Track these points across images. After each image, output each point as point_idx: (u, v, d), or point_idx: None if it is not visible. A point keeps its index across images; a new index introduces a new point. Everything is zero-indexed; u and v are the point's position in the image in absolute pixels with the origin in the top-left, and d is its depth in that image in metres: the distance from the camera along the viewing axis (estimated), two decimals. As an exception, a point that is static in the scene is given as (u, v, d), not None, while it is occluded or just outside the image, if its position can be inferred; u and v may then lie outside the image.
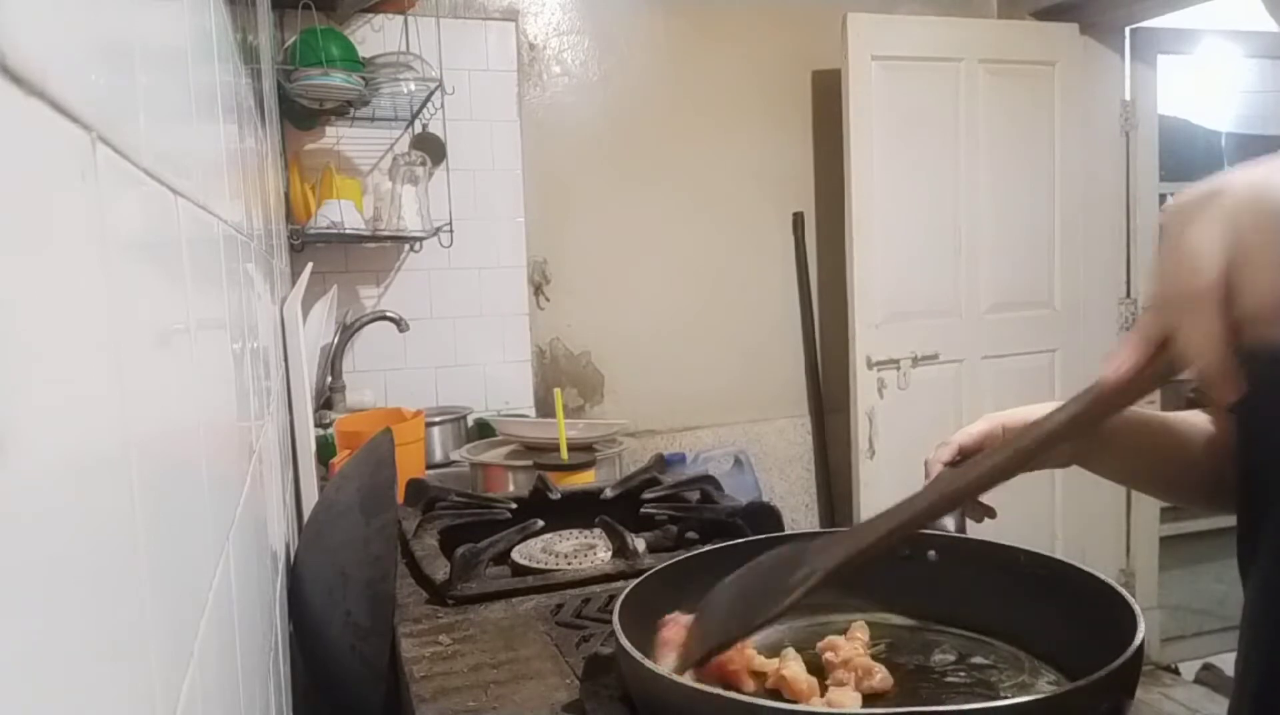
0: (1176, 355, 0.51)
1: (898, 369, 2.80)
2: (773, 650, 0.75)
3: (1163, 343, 0.51)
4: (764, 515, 1.16)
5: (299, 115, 2.32)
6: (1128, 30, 3.01)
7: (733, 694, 0.64)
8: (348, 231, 2.25)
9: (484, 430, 2.26)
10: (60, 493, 0.22)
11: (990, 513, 0.86)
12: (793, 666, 0.69)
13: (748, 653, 0.71)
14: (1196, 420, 0.82)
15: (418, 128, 2.49)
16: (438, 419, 2.22)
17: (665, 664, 0.67)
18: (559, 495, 1.33)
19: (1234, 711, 0.73)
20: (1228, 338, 0.48)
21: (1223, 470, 0.75)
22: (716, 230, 2.86)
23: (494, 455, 1.79)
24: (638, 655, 0.63)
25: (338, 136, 2.46)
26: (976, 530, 0.83)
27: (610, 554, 1.10)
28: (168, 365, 0.38)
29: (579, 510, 1.26)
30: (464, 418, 2.34)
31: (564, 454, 1.63)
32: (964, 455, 0.83)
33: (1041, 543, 1.78)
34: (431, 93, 2.32)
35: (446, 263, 2.54)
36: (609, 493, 1.31)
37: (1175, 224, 0.51)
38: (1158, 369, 0.53)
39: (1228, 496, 0.74)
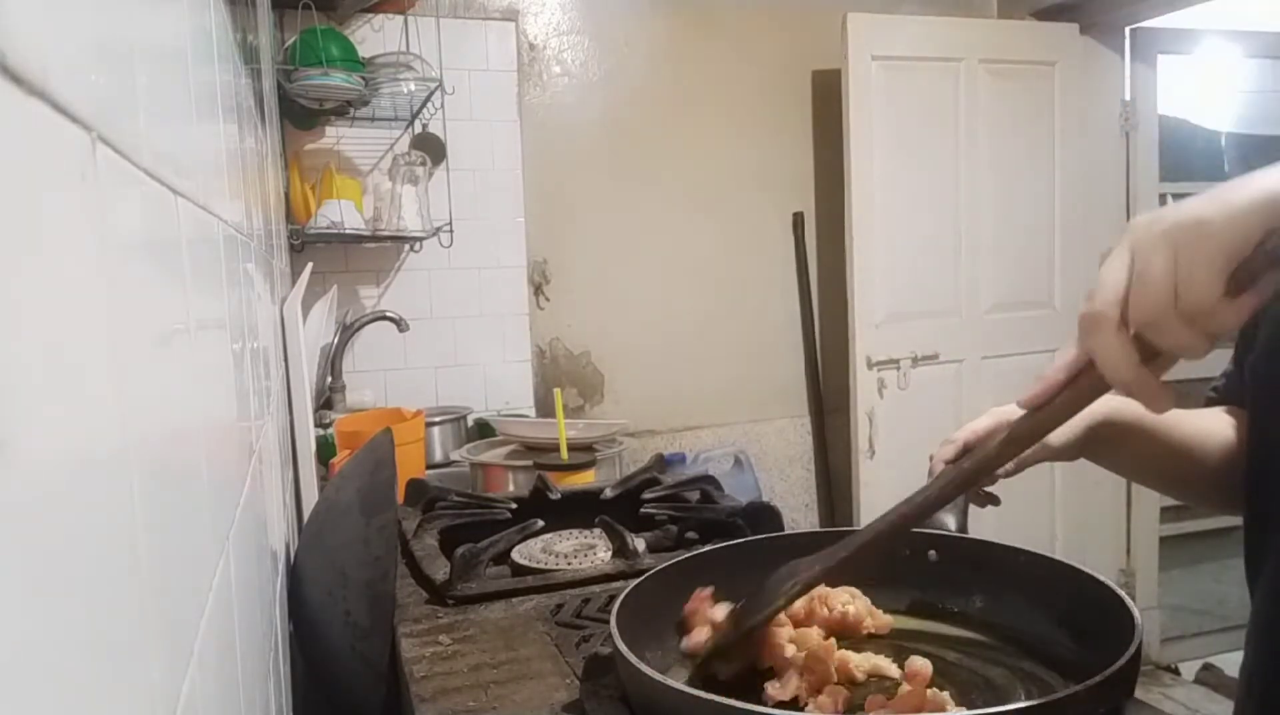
0: (1100, 374, 0.55)
1: (898, 369, 2.80)
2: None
3: (1088, 364, 0.56)
4: (764, 515, 1.16)
5: (299, 115, 2.32)
6: (1128, 30, 3.02)
7: (728, 699, 0.64)
8: (348, 231, 2.25)
9: (484, 430, 2.26)
10: (60, 493, 0.22)
11: (994, 500, 0.86)
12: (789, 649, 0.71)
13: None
14: (1215, 419, 0.82)
15: (418, 128, 2.49)
16: (438, 419, 2.22)
17: (693, 638, 0.72)
18: (559, 495, 1.33)
19: (1239, 713, 0.73)
20: (1138, 352, 0.52)
21: (1236, 470, 0.75)
22: (716, 230, 2.86)
23: (494, 455, 1.79)
24: (634, 659, 0.64)
25: (338, 136, 2.46)
26: (976, 530, 0.83)
27: (610, 554, 1.10)
28: (168, 365, 0.38)
29: (579, 510, 1.26)
30: (464, 418, 2.34)
31: (564, 454, 1.63)
32: (968, 452, 0.83)
33: (1041, 543, 1.78)
34: (431, 93, 2.32)
35: (446, 263, 2.54)
36: (609, 493, 1.31)
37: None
38: (1083, 388, 0.58)
39: (1239, 496, 0.74)
